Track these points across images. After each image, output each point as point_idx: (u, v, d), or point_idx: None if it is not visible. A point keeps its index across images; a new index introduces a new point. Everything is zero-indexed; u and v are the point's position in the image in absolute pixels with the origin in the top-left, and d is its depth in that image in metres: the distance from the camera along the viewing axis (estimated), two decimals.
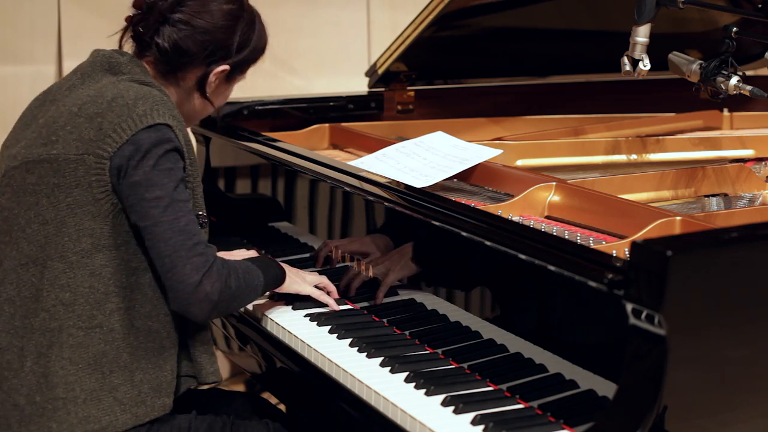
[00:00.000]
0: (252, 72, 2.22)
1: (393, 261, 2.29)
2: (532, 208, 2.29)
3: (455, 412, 1.79)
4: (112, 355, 2.01)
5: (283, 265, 2.27)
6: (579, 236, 2.12)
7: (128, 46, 2.18)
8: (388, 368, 1.98)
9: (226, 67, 2.18)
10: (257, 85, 4.11)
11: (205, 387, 2.23)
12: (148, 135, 1.98)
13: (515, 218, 2.22)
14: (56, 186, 2.00)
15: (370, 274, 2.31)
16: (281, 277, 2.23)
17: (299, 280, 2.28)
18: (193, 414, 2.14)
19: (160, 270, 1.99)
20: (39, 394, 1.98)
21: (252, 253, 2.42)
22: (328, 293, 2.30)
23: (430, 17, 2.99)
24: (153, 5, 2.12)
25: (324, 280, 2.32)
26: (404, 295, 2.28)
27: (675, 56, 2.47)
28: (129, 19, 2.15)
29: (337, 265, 2.50)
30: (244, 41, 2.20)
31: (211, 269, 1.98)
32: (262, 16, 2.28)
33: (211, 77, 2.18)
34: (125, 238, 2.01)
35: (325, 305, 2.29)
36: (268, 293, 2.31)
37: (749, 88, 2.35)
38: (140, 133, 1.98)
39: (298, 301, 2.33)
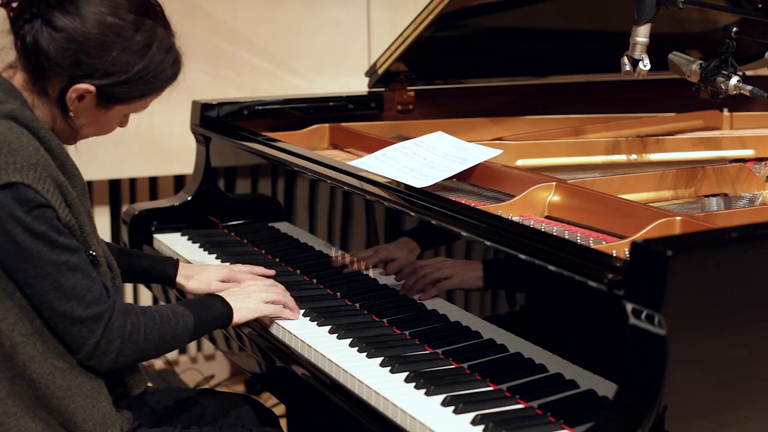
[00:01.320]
0: (252, 72, 2.18)
1: (458, 269, 2.14)
2: (532, 208, 2.29)
3: (455, 412, 1.79)
4: (46, 399, 1.91)
5: (225, 296, 2.16)
6: (579, 236, 2.12)
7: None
8: (388, 368, 1.98)
9: (89, 87, 1.87)
10: (257, 85, 4.14)
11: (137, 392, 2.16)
12: (5, 198, 1.77)
13: (515, 218, 2.22)
14: None
15: (423, 274, 2.22)
16: (224, 318, 2.11)
17: (245, 306, 2.15)
18: (178, 428, 2.14)
19: (56, 329, 1.87)
20: None
21: (222, 271, 2.36)
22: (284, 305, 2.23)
23: (430, 17, 2.99)
24: None
25: (272, 296, 2.21)
26: (404, 294, 2.27)
27: (675, 56, 2.47)
28: (3, 5, 1.88)
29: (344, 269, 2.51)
30: (120, 65, 1.87)
31: (109, 328, 1.88)
32: (174, 44, 1.94)
33: (71, 93, 1.88)
34: (14, 286, 1.85)
35: (324, 305, 2.29)
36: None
37: (749, 88, 2.35)
38: None
39: (297, 301, 2.33)
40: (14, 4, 1.88)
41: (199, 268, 2.41)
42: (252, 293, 2.20)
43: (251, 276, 2.38)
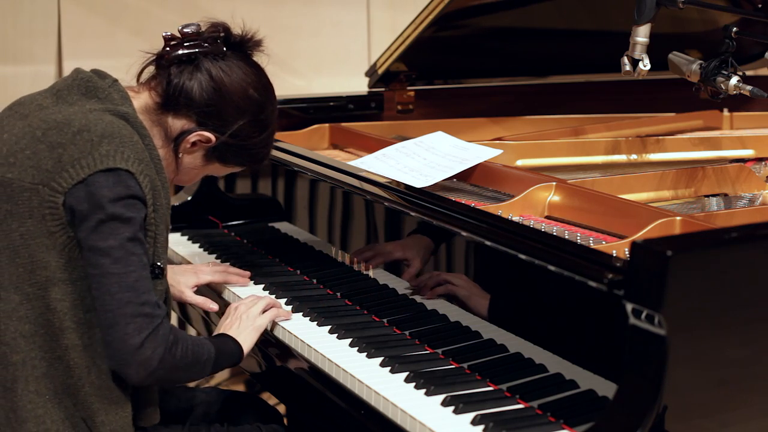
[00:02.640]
0: None
1: (470, 289, 2.12)
2: (532, 208, 2.29)
3: (455, 412, 1.79)
4: (75, 389, 1.93)
5: (230, 324, 2.16)
6: (579, 236, 2.12)
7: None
8: (388, 368, 1.98)
9: (211, 136, 2.07)
10: None
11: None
12: (106, 179, 1.87)
13: (515, 218, 2.22)
14: (9, 213, 1.91)
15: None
16: (237, 354, 2.10)
17: (246, 334, 2.14)
18: (186, 427, 2.14)
19: (101, 324, 1.88)
20: (10, 430, 1.92)
21: (191, 279, 2.39)
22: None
23: (430, 17, 2.99)
24: (199, 40, 2.07)
25: (268, 301, 2.24)
26: (404, 294, 2.28)
27: (675, 56, 2.47)
28: (167, 40, 2.08)
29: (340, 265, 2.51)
30: (245, 132, 2.09)
31: (156, 333, 1.88)
32: (273, 89, 2.17)
33: (192, 136, 2.06)
34: (81, 273, 1.91)
35: (324, 305, 2.29)
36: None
37: (749, 88, 2.35)
38: (97, 175, 1.87)
39: (297, 301, 2.33)
40: (174, 42, 2.07)
41: (170, 269, 2.39)
42: (242, 315, 2.19)
43: (223, 279, 2.44)
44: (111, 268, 1.86)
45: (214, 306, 2.33)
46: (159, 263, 1.97)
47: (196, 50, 2.06)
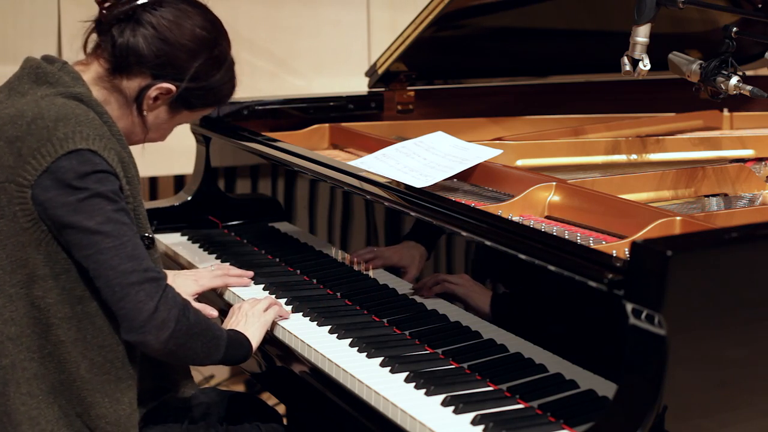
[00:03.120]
0: (252, 72, 2.22)
1: (471, 290, 2.11)
2: (532, 208, 2.29)
3: (455, 412, 1.79)
4: (68, 385, 1.92)
5: (236, 321, 2.16)
6: (579, 236, 2.12)
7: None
8: (388, 368, 1.98)
9: (170, 86, 2.02)
10: (257, 85, 4.14)
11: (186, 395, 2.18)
12: (69, 162, 1.84)
13: (515, 218, 2.22)
14: None
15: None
16: (247, 346, 2.09)
17: (253, 329, 2.14)
18: (185, 426, 2.14)
19: (110, 300, 1.86)
20: None
21: (193, 287, 2.37)
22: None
23: (430, 17, 2.99)
24: None
25: (263, 304, 2.22)
26: (404, 294, 2.28)
27: (675, 56, 2.47)
28: (100, 2, 2.02)
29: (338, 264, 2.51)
30: (203, 73, 2.05)
31: (167, 295, 1.88)
32: (234, 63, 2.14)
33: (152, 91, 2.02)
34: (64, 266, 1.89)
35: (324, 305, 2.29)
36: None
37: (749, 88, 2.35)
38: (60, 160, 1.84)
39: (297, 301, 2.33)
40: (108, 3, 2.01)
41: (171, 274, 2.37)
42: (247, 312, 2.19)
43: (223, 282, 2.44)
44: (105, 243, 1.84)
45: (213, 312, 2.32)
46: (146, 234, 1.97)
47: (132, 4, 2.00)
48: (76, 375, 1.92)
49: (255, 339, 2.13)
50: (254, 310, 2.19)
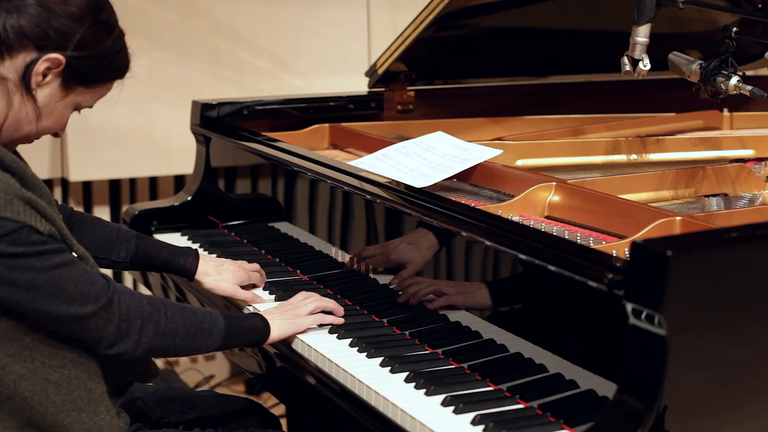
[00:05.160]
0: (252, 72, 2.19)
1: (467, 290, 2.12)
2: (532, 208, 2.29)
3: (455, 412, 1.79)
4: (40, 417, 1.87)
5: (273, 311, 2.15)
6: (579, 236, 2.12)
7: None
8: (388, 368, 1.98)
9: (59, 56, 1.85)
10: (257, 85, 4.14)
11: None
12: None
13: (515, 218, 2.22)
14: None
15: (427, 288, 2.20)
16: (260, 331, 2.07)
17: (293, 318, 2.14)
18: (179, 429, 2.13)
19: (69, 333, 1.84)
20: None
21: (239, 274, 2.35)
22: (330, 312, 2.21)
23: (430, 17, 2.99)
24: None
25: (319, 304, 2.20)
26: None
27: (675, 56, 2.47)
28: None
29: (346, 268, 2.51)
30: (91, 39, 1.89)
31: (125, 311, 1.85)
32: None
33: (39, 65, 1.85)
34: (3, 314, 1.81)
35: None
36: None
37: (749, 88, 2.35)
38: None
39: None
40: None
41: (218, 263, 2.38)
42: (288, 307, 2.18)
43: (259, 277, 2.41)
44: (44, 295, 1.78)
45: (260, 300, 2.31)
46: (74, 253, 1.87)
47: None
48: (46, 403, 1.87)
49: (277, 330, 2.10)
50: (298, 309, 2.17)
